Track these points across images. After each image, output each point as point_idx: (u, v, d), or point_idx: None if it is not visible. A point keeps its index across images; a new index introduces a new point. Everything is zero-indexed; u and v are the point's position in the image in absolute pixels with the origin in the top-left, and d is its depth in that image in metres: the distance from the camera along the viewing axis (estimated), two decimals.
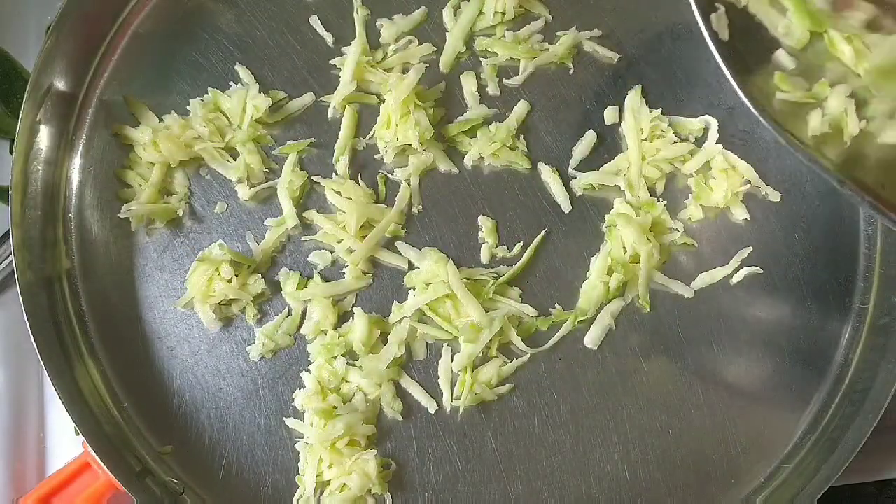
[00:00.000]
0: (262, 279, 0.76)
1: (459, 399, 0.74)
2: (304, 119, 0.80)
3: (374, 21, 0.82)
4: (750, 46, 0.63)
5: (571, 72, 0.82)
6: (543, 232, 0.78)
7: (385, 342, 0.75)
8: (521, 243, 0.78)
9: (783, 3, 0.64)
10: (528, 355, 0.75)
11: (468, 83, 0.81)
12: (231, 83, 0.80)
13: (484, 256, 0.77)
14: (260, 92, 0.78)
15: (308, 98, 0.80)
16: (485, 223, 0.78)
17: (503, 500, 0.74)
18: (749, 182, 0.80)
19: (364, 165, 0.79)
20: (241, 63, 0.80)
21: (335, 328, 0.75)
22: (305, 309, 0.76)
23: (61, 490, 0.72)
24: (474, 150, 0.79)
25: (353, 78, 0.79)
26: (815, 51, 0.64)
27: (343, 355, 0.74)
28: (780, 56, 0.63)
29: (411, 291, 0.76)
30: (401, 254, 0.77)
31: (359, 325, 0.74)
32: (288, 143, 0.79)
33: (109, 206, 0.78)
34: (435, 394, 0.75)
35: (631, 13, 0.83)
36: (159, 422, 0.74)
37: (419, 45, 0.81)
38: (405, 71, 0.79)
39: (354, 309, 0.75)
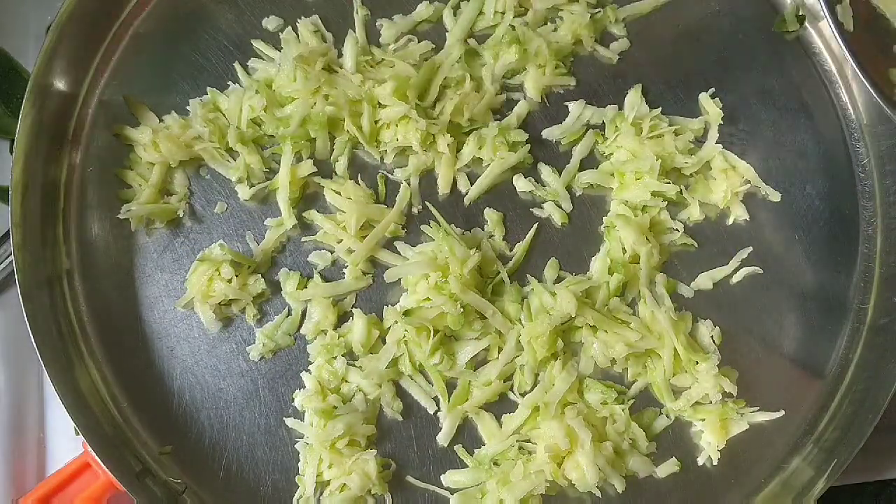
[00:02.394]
0: (262, 279, 0.76)
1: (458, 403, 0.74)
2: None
3: (374, 21, 0.82)
4: (874, 37, 0.64)
5: (571, 72, 0.82)
6: (536, 225, 0.78)
7: (385, 342, 0.75)
8: (521, 243, 0.78)
9: None
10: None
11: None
12: (230, 83, 0.80)
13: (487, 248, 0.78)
14: (257, 92, 0.78)
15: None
16: (490, 216, 0.78)
17: None
18: (749, 182, 0.80)
19: (364, 166, 0.79)
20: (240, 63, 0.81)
21: (335, 328, 0.75)
22: (305, 309, 0.76)
23: (61, 490, 0.72)
24: (472, 147, 0.79)
25: (354, 70, 0.79)
26: None
27: (343, 355, 0.74)
28: None
29: (404, 294, 0.76)
30: (400, 253, 0.77)
31: (357, 326, 0.74)
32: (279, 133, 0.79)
33: (109, 206, 0.77)
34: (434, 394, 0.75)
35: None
36: (159, 422, 0.74)
37: (419, 44, 0.81)
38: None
39: (354, 310, 0.75)
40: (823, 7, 0.63)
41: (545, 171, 0.80)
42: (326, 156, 0.79)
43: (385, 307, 0.76)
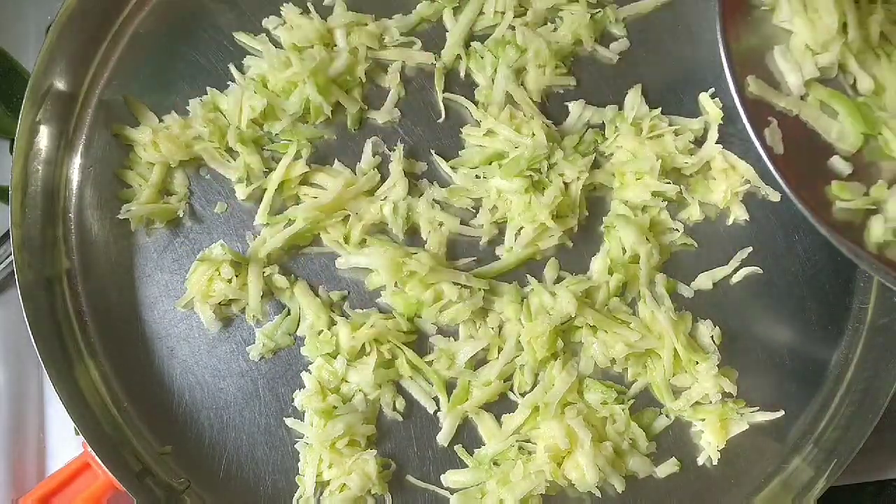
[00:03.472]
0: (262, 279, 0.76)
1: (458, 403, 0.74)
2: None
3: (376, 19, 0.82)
4: (807, 155, 0.63)
5: (571, 71, 0.82)
6: (532, 225, 0.77)
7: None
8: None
9: (834, 107, 0.64)
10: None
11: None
12: (230, 83, 0.80)
13: (484, 235, 0.78)
14: (255, 92, 0.78)
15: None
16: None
17: None
18: (749, 182, 0.80)
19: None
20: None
21: (329, 328, 0.75)
22: None
23: (61, 490, 0.72)
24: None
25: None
26: (869, 150, 0.64)
27: (335, 356, 0.74)
28: (836, 162, 0.64)
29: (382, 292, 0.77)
30: (393, 241, 0.77)
31: (343, 332, 0.74)
32: (280, 137, 0.79)
33: (109, 206, 0.77)
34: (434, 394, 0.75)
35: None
36: (159, 422, 0.74)
37: (421, 45, 0.81)
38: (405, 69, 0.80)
39: (338, 318, 0.75)
40: (751, 134, 0.62)
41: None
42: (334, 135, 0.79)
43: (373, 307, 0.76)
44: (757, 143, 0.62)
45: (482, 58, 0.81)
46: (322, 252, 0.78)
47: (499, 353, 0.75)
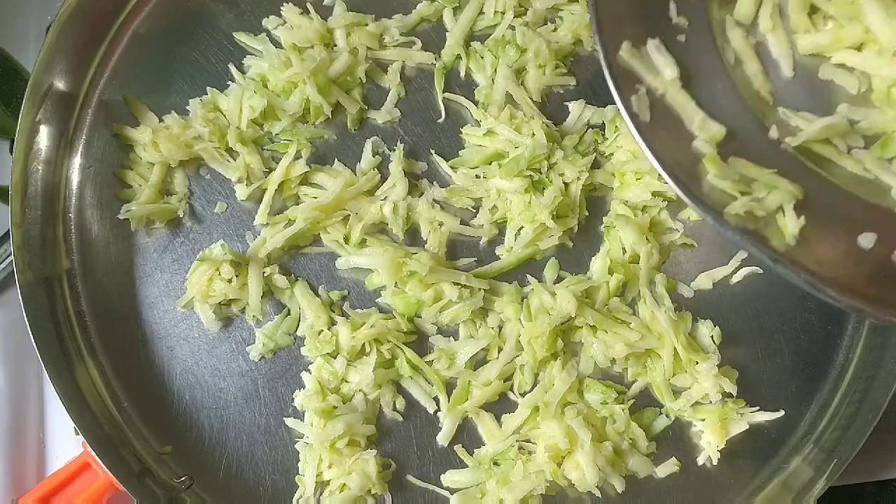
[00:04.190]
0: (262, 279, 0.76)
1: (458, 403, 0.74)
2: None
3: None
4: (671, 132, 0.60)
5: (571, 71, 0.82)
6: (532, 225, 0.77)
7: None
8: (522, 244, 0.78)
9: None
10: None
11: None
12: (230, 83, 0.80)
13: (484, 235, 0.78)
14: (255, 92, 0.78)
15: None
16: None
17: None
18: None
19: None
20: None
21: (329, 328, 0.75)
22: None
23: (61, 490, 0.72)
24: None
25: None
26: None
27: (335, 356, 0.74)
28: (700, 145, 0.61)
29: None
30: (393, 241, 0.77)
31: (343, 332, 0.74)
32: (280, 137, 0.79)
33: (109, 206, 0.78)
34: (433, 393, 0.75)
35: None
36: (159, 422, 0.74)
37: (421, 45, 0.81)
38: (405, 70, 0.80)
39: (338, 318, 0.75)
40: (615, 97, 0.60)
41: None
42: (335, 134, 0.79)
43: (373, 307, 0.76)
44: (621, 108, 0.60)
45: (482, 58, 0.81)
46: (322, 252, 0.78)
47: (499, 353, 0.75)
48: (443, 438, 0.74)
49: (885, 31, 0.61)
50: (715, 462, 0.75)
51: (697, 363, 0.75)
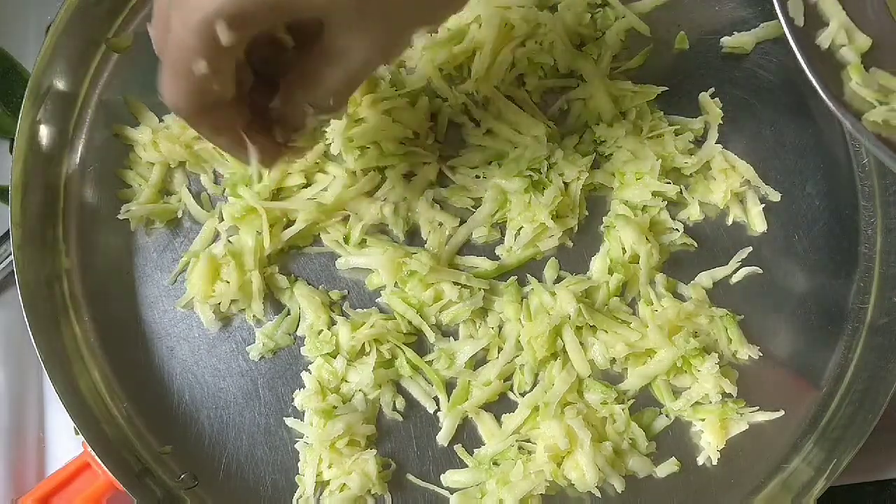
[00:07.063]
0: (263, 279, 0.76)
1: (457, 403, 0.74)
2: None
3: None
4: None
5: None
6: (532, 225, 0.77)
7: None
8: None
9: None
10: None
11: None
12: None
13: (481, 235, 0.78)
14: None
15: None
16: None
17: None
18: (749, 182, 0.80)
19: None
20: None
21: (329, 328, 0.75)
22: None
23: (61, 490, 0.72)
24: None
25: None
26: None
27: (335, 356, 0.74)
28: (846, 53, 0.63)
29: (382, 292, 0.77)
30: (393, 241, 0.77)
31: (343, 332, 0.74)
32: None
33: (109, 206, 0.77)
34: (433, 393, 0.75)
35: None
36: (159, 422, 0.74)
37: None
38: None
39: (338, 318, 0.75)
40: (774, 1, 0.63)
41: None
42: None
43: (373, 307, 0.76)
44: (778, 10, 0.62)
45: None
46: (322, 252, 0.78)
47: (499, 353, 0.75)
48: (443, 438, 0.74)
49: None
50: (715, 462, 0.75)
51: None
